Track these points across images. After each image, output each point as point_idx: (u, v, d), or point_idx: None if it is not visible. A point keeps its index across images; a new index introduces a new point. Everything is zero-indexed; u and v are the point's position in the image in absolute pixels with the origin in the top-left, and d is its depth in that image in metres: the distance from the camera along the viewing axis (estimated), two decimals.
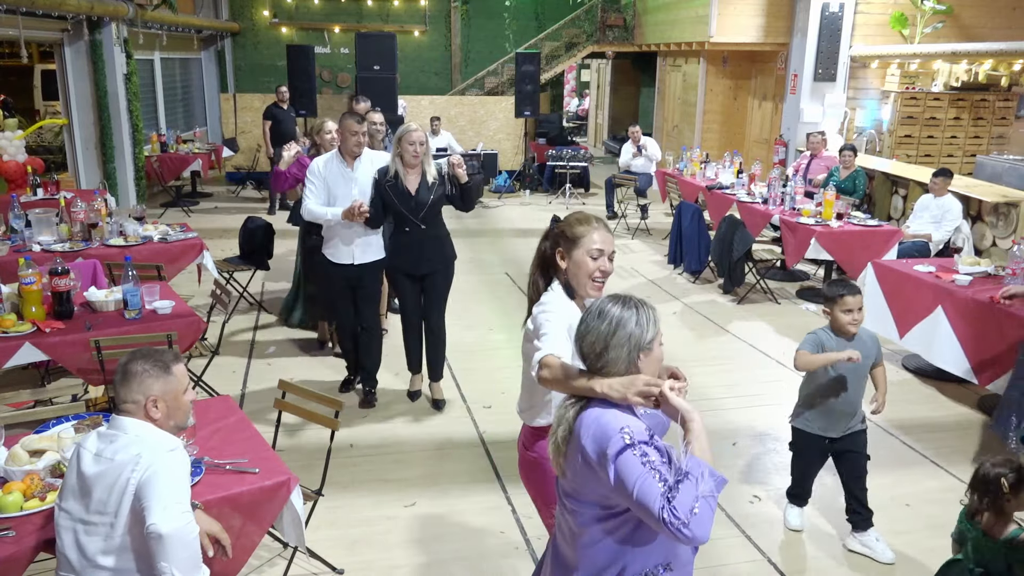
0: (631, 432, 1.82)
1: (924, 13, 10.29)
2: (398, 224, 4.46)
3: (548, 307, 2.40)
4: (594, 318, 1.97)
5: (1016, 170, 8.45)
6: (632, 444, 1.80)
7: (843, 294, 3.31)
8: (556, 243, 2.46)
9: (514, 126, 13.52)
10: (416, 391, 4.93)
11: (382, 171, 4.42)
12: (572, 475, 1.94)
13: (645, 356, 1.96)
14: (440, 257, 4.56)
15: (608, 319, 1.94)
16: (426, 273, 4.56)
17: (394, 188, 4.36)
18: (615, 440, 1.81)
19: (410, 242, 4.45)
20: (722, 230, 7.21)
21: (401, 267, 4.54)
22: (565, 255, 2.43)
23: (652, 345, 1.96)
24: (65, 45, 9.09)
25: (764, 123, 12.42)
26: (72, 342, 3.76)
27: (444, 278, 4.64)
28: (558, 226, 2.49)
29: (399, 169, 4.35)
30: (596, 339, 1.95)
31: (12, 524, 2.33)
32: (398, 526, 3.61)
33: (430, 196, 4.39)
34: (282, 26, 14.78)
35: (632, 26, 14.71)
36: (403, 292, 4.63)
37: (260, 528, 2.64)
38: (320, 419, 3.19)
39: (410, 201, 4.36)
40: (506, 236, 9.54)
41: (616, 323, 1.93)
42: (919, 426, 4.68)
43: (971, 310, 4.66)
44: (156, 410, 2.17)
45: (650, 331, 1.95)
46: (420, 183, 4.39)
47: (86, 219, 5.43)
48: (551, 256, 2.48)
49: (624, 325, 1.93)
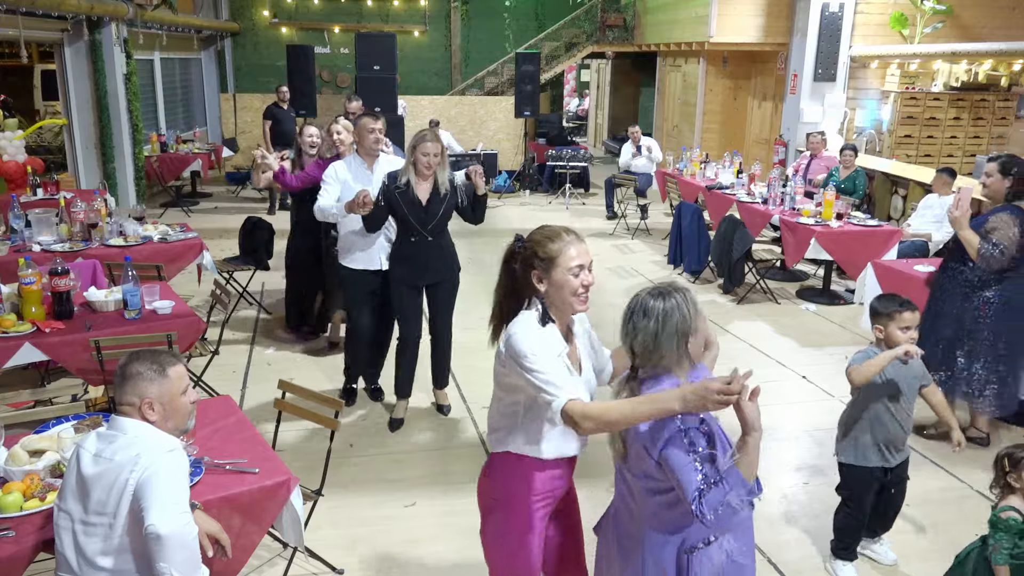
0: (683, 417, 1.93)
1: (924, 13, 10.30)
2: (403, 233, 4.30)
3: (527, 344, 2.12)
4: (640, 318, 2.02)
5: None
6: (682, 430, 1.94)
7: (900, 310, 2.97)
8: (529, 265, 2.19)
9: (514, 126, 13.52)
10: (399, 419, 4.58)
11: (391, 176, 4.26)
12: (634, 460, 2.07)
13: (693, 338, 2.04)
14: (446, 268, 4.44)
15: (654, 316, 2.00)
16: (431, 283, 4.43)
17: (404, 196, 4.18)
18: (670, 425, 1.95)
19: (415, 253, 4.29)
20: (722, 230, 7.21)
21: (405, 278, 4.36)
22: (542, 277, 2.18)
23: (697, 328, 2.05)
24: (65, 45, 9.09)
25: (764, 123, 12.43)
26: (72, 342, 3.76)
27: (451, 287, 4.51)
28: (526, 246, 2.23)
29: (411, 177, 4.17)
30: (647, 337, 2.01)
31: (12, 524, 2.33)
32: (398, 526, 3.61)
33: (441, 207, 4.23)
34: (282, 26, 14.78)
35: (632, 26, 14.71)
36: (404, 304, 4.43)
37: (260, 528, 2.64)
38: (320, 419, 3.19)
39: (420, 211, 4.20)
40: (506, 236, 9.44)
41: (663, 318, 1.99)
42: (919, 426, 4.68)
43: None
44: (152, 412, 2.17)
45: (693, 315, 2.03)
46: (432, 193, 4.21)
47: (86, 219, 5.43)
48: (523, 280, 2.22)
49: (670, 317, 2.00)
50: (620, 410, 1.95)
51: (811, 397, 5.09)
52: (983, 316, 4.17)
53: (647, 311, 2.01)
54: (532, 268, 2.19)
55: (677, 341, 2.00)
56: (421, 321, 4.52)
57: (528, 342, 2.12)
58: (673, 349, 2.01)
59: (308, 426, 4.39)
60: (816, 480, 4.07)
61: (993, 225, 4.01)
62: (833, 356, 5.73)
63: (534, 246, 2.20)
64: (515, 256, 2.25)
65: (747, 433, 1.89)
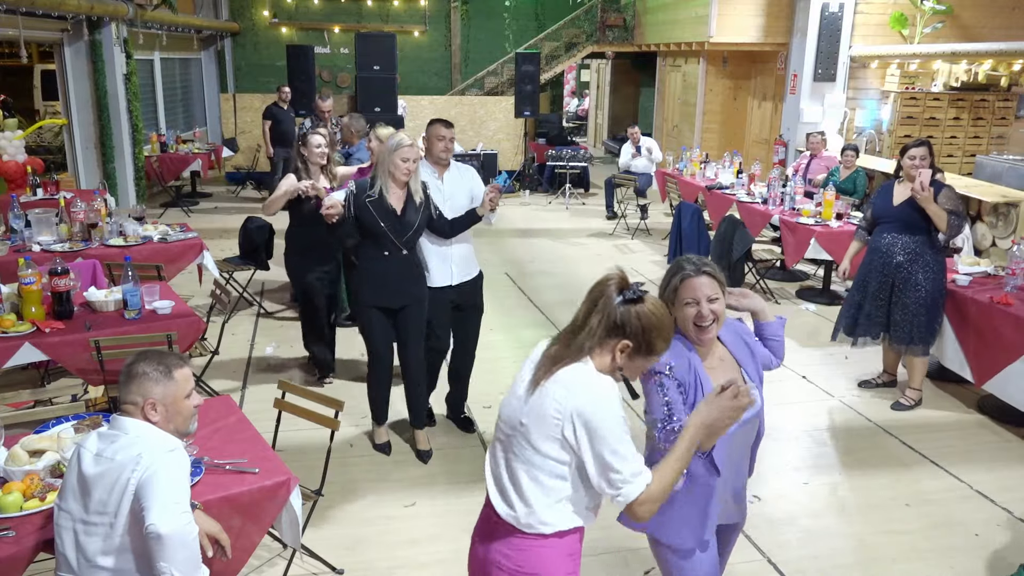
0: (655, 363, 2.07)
1: (924, 13, 10.30)
2: (375, 249, 3.86)
3: (598, 390, 1.89)
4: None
5: (1016, 170, 8.45)
6: (652, 371, 2.12)
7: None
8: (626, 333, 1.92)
9: (514, 126, 13.52)
10: (385, 443, 4.28)
11: (360, 185, 3.88)
12: None
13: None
14: (418, 288, 4.00)
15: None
16: (401, 306, 3.97)
17: (377, 206, 3.78)
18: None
19: (388, 271, 3.86)
20: (722, 230, 7.21)
21: (375, 299, 3.91)
22: (631, 353, 1.93)
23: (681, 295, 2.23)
24: (65, 45, 9.09)
25: (764, 123, 12.43)
26: (72, 342, 3.76)
27: (420, 311, 4.03)
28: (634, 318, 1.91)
29: (384, 185, 3.80)
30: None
31: (12, 524, 2.33)
32: (398, 526, 3.61)
33: (417, 217, 3.86)
34: (282, 26, 14.78)
35: (632, 26, 14.71)
36: (374, 329, 3.99)
37: (260, 528, 2.64)
38: (320, 419, 3.19)
39: (396, 222, 3.80)
40: (506, 236, 9.54)
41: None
42: (919, 426, 4.68)
43: (970, 310, 4.67)
44: (155, 413, 2.17)
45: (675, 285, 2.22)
46: (407, 202, 3.85)
47: (86, 219, 5.43)
48: (612, 338, 1.92)
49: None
50: (667, 475, 1.93)
51: (811, 397, 5.09)
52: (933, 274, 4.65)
53: None
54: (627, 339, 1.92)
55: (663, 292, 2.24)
56: (392, 344, 4.12)
57: (609, 409, 1.87)
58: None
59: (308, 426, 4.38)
60: (816, 480, 4.07)
61: (947, 196, 4.50)
62: (833, 356, 5.73)
63: (644, 327, 1.91)
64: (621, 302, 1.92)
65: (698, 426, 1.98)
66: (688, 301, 2.19)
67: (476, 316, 4.40)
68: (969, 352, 4.68)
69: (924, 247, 4.60)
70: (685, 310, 2.19)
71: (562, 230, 9.92)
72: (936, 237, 4.60)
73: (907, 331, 4.70)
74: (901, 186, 4.67)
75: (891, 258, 4.66)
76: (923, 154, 4.51)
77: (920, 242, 4.60)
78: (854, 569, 3.36)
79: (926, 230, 4.58)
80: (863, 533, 3.62)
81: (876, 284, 4.76)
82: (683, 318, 2.21)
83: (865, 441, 4.53)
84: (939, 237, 4.60)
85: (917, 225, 4.58)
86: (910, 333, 4.70)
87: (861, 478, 4.10)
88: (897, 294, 4.69)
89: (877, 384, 5.17)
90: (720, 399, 1.95)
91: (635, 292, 1.92)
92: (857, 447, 4.47)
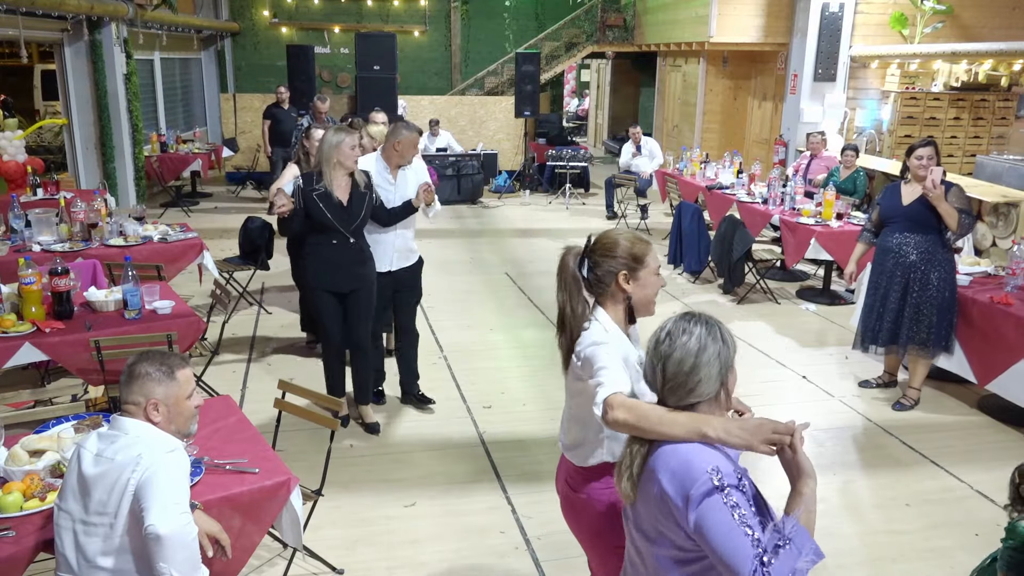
0: (720, 473, 1.62)
1: (924, 13, 10.30)
2: (322, 236, 4.08)
3: (599, 338, 2.14)
4: (678, 335, 1.76)
5: (1016, 170, 8.45)
6: (721, 488, 1.61)
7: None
8: (612, 267, 2.18)
9: (514, 126, 13.52)
10: (346, 416, 4.52)
11: (307, 177, 4.08)
12: (647, 514, 1.77)
13: (730, 375, 1.79)
14: (365, 273, 4.23)
15: (695, 335, 1.75)
16: (350, 290, 4.21)
17: (324, 198, 4.00)
18: (701, 481, 1.62)
19: (336, 257, 4.10)
20: (722, 230, 7.21)
21: (324, 284, 4.16)
22: (630, 277, 2.19)
23: (734, 362, 1.80)
24: (65, 45, 9.08)
25: (764, 123, 12.42)
26: (72, 342, 3.76)
27: (369, 294, 4.28)
28: (604, 255, 2.21)
29: (329, 179, 4.00)
30: (684, 357, 1.74)
31: (12, 524, 2.32)
32: (398, 526, 3.61)
33: (363, 206, 4.10)
34: (282, 26, 14.78)
35: (632, 26, 14.71)
36: (325, 311, 4.24)
37: (260, 528, 2.64)
38: (320, 419, 3.19)
39: (342, 212, 4.04)
40: (506, 236, 9.53)
41: (704, 339, 1.75)
42: (919, 426, 4.68)
43: (971, 310, 4.66)
44: (156, 413, 2.17)
45: (733, 347, 1.80)
46: (352, 192, 4.07)
47: (86, 219, 5.43)
48: (606, 280, 2.20)
49: (713, 340, 1.76)
50: (658, 414, 1.76)
51: (811, 397, 5.09)
52: (946, 273, 4.66)
53: (686, 330, 1.76)
54: (617, 270, 2.19)
55: (719, 370, 1.74)
56: (342, 325, 4.31)
57: (604, 335, 2.15)
58: (713, 377, 1.74)
59: (308, 426, 4.38)
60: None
61: (957, 195, 4.51)
62: (833, 356, 5.73)
63: (625, 246, 2.19)
64: (587, 260, 2.21)
65: (802, 483, 1.67)
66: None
67: (413, 298, 4.68)
68: (970, 352, 4.68)
69: (936, 246, 4.60)
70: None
71: (562, 230, 9.92)
72: (946, 236, 4.60)
73: (924, 334, 4.66)
74: (909, 186, 4.66)
75: (905, 258, 4.64)
76: (930, 154, 4.51)
77: (932, 241, 4.59)
78: (854, 569, 3.36)
79: (937, 229, 4.57)
80: (863, 533, 3.62)
81: (891, 285, 4.71)
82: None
83: (865, 441, 4.53)
84: (949, 236, 4.60)
85: (928, 224, 4.57)
86: (928, 335, 4.66)
87: (861, 478, 4.10)
88: (913, 295, 4.66)
89: (877, 384, 5.17)
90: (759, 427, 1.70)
91: (587, 244, 2.22)
92: (857, 447, 4.47)
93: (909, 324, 4.70)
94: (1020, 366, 4.34)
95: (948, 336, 4.72)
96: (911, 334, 4.71)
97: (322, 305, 4.23)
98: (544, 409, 4.80)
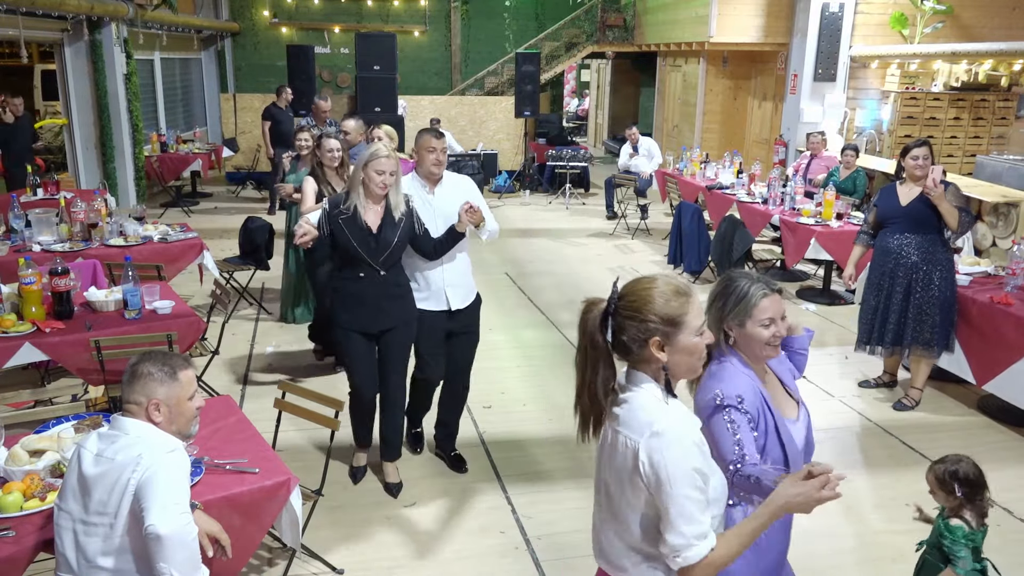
0: (721, 396, 2.04)
1: (924, 13, 10.29)
2: (350, 269, 3.57)
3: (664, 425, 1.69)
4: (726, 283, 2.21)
5: (1016, 170, 8.44)
6: (721, 407, 2.03)
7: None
8: (643, 331, 1.74)
9: (514, 126, 13.52)
10: (362, 467, 4.00)
11: (333, 201, 3.59)
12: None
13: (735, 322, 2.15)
14: (401, 310, 3.66)
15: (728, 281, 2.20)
16: (384, 329, 3.67)
17: (350, 223, 3.49)
18: (707, 402, 2.05)
19: (365, 292, 3.56)
20: (722, 230, 7.21)
21: (354, 323, 3.61)
22: (665, 344, 1.74)
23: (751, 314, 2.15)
24: (65, 45, 9.09)
25: (764, 123, 12.43)
26: (72, 342, 3.76)
27: (406, 336, 3.72)
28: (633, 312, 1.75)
29: (359, 200, 3.50)
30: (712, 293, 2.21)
31: (12, 524, 2.33)
32: (398, 526, 3.61)
33: (396, 235, 3.53)
34: (282, 26, 14.78)
35: (632, 26, 14.71)
36: (355, 353, 3.68)
37: (260, 528, 2.64)
38: (320, 419, 3.19)
39: (370, 241, 3.50)
40: (506, 236, 9.53)
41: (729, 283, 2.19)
42: (919, 426, 4.68)
43: (971, 310, 4.66)
44: (158, 414, 2.17)
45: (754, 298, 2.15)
46: (384, 218, 3.53)
47: (86, 219, 5.43)
48: (634, 347, 1.75)
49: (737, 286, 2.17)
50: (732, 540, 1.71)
51: (811, 397, 5.07)
52: (947, 272, 4.68)
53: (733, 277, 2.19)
54: (648, 336, 1.73)
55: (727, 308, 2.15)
56: (376, 372, 3.77)
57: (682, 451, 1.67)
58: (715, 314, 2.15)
59: (308, 426, 4.38)
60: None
61: (954, 194, 4.61)
62: (833, 356, 5.73)
63: (648, 307, 1.73)
64: (608, 321, 1.76)
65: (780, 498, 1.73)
66: (766, 320, 2.13)
67: (471, 344, 4.03)
68: (969, 352, 4.68)
69: (936, 245, 4.61)
70: (760, 331, 2.12)
71: (562, 230, 9.92)
72: (946, 235, 4.62)
73: (928, 334, 4.66)
74: (905, 186, 4.66)
75: (907, 259, 4.64)
76: (925, 154, 4.53)
77: (932, 240, 4.60)
78: (854, 569, 3.36)
79: (936, 229, 4.59)
80: (863, 533, 3.62)
81: (893, 286, 4.71)
82: (756, 337, 2.13)
83: (865, 441, 4.53)
84: (949, 235, 4.62)
85: (928, 224, 4.58)
86: (931, 335, 4.66)
87: (861, 478, 4.10)
88: (916, 295, 4.65)
89: (877, 384, 5.16)
90: (807, 486, 1.68)
91: (612, 296, 1.77)
92: (857, 447, 4.47)
93: (913, 325, 4.69)
94: (1018, 366, 4.34)
95: (950, 335, 4.72)
96: (915, 335, 4.70)
97: (350, 347, 3.67)
98: (544, 409, 4.80)
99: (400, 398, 3.85)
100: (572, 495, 3.85)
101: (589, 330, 1.77)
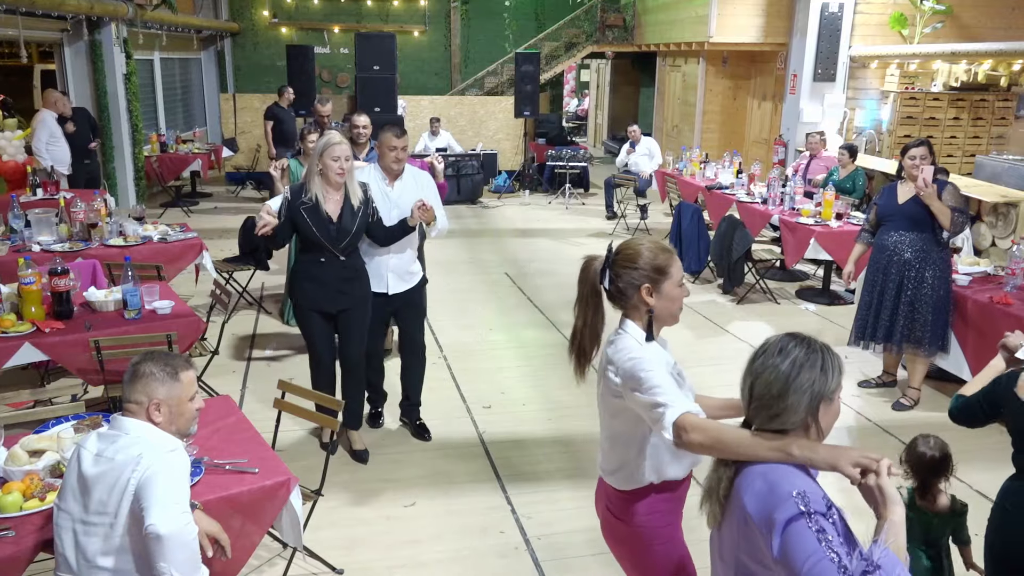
0: (807, 498, 1.59)
1: (924, 13, 10.30)
2: (311, 253, 3.78)
3: (635, 353, 2.06)
4: (773, 355, 1.72)
5: (1015, 170, 8.45)
6: (806, 514, 1.57)
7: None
8: (634, 279, 2.10)
9: (514, 126, 13.52)
10: (362, 450, 4.20)
11: (295, 190, 3.75)
12: (729, 540, 1.75)
13: (825, 407, 1.72)
14: (359, 292, 3.91)
15: (791, 358, 1.70)
16: (342, 309, 3.90)
17: (312, 212, 3.67)
18: (786, 505, 1.59)
19: (325, 275, 3.78)
20: (722, 230, 7.21)
21: (314, 303, 3.85)
22: (653, 290, 2.10)
23: (834, 395, 1.74)
24: (65, 45, 9.09)
25: (764, 123, 12.43)
26: (72, 342, 3.76)
27: (363, 314, 3.96)
28: (623, 259, 2.13)
29: (318, 190, 3.67)
30: (775, 379, 1.70)
31: (12, 524, 2.33)
32: (398, 526, 3.61)
33: (355, 222, 3.74)
34: (282, 26, 14.78)
35: (632, 26, 14.71)
36: (314, 331, 3.93)
37: (260, 528, 2.64)
38: (320, 419, 3.19)
39: (330, 228, 3.69)
40: (506, 236, 9.53)
41: (800, 364, 1.70)
42: (918, 426, 4.67)
43: (970, 310, 4.67)
44: (158, 414, 2.18)
45: (835, 379, 1.73)
46: (344, 207, 3.73)
47: (86, 219, 5.43)
48: (628, 292, 2.12)
49: (810, 367, 1.70)
50: (737, 435, 1.75)
51: None
52: (941, 272, 4.70)
53: (784, 351, 1.71)
54: (640, 282, 2.10)
55: (810, 399, 1.69)
56: (335, 349, 4.03)
57: (638, 348, 2.07)
58: (801, 406, 1.68)
59: (308, 426, 4.39)
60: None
61: (951, 194, 4.58)
62: None
63: (640, 258, 2.10)
64: (608, 270, 2.13)
65: (890, 510, 1.62)
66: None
67: (416, 315, 4.29)
68: (969, 352, 4.68)
69: (930, 244, 4.63)
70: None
71: (562, 230, 9.92)
72: (940, 235, 4.64)
73: (920, 332, 4.69)
74: (904, 185, 4.70)
75: (900, 255, 4.68)
76: (923, 153, 4.55)
77: (926, 239, 4.63)
78: None
79: (931, 227, 4.62)
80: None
81: (886, 282, 4.76)
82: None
83: (865, 441, 4.53)
84: (944, 235, 4.64)
85: (923, 222, 4.61)
86: (922, 334, 4.69)
87: None
88: (907, 292, 4.69)
89: (877, 384, 5.17)
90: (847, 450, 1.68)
91: (608, 253, 2.14)
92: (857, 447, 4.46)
93: (904, 322, 4.72)
94: None
95: (943, 335, 4.73)
96: (906, 332, 4.73)
97: (310, 325, 3.92)
98: (544, 409, 4.80)
99: (358, 370, 4.10)
100: (572, 495, 3.85)
101: (591, 279, 2.17)
